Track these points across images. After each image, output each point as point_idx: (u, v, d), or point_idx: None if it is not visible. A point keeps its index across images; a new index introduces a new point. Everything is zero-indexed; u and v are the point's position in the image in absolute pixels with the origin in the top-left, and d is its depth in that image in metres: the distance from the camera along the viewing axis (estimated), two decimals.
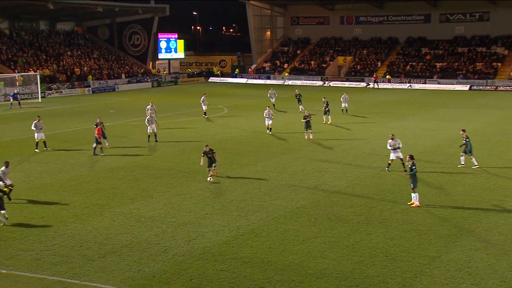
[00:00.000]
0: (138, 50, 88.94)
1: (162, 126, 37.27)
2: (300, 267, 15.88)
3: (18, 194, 22.85)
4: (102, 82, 73.99)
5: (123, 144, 34.08)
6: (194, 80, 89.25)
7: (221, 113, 49.12)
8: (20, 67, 67.14)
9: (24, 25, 79.19)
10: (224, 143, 34.13)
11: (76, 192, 23.28)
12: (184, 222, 19.58)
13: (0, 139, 35.71)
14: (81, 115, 47.30)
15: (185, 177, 25.86)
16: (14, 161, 28.94)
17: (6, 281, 14.97)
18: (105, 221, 19.63)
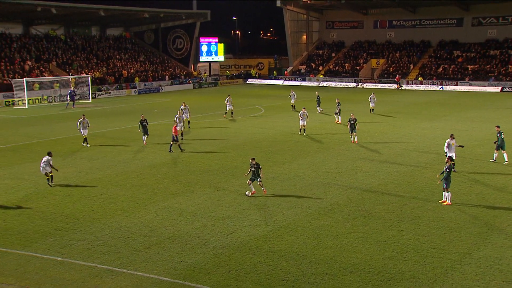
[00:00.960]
0: (181, 54, 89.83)
1: (203, 125, 37.55)
2: (333, 261, 15.78)
3: (71, 188, 23.37)
4: (147, 84, 74.99)
5: (166, 142, 34.45)
6: (233, 81, 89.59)
7: (258, 113, 49.16)
8: (74, 70, 68.63)
9: (78, 31, 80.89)
10: (261, 142, 34.16)
11: (123, 187, 23.66)
12: (223, 216, 19.68)
13: (56, 136, 36.57)
14: (128, 115, 48.03)
15: (224, 174, 25.98)
16: (67, 157, 29.63)
17: (61, 268, 15.34)
18: (149, 215, 19.89)
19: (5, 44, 67.70)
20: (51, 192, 22.64)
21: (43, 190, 23.03)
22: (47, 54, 70.15)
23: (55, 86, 61.69)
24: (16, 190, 22.95)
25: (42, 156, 29.77)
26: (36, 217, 19.57)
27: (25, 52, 68.07)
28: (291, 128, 39.28)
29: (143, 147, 32.63)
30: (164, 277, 14.76)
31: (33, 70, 63.92)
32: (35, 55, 68.30)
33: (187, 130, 38.22)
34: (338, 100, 43.41)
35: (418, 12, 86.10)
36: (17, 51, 67.22)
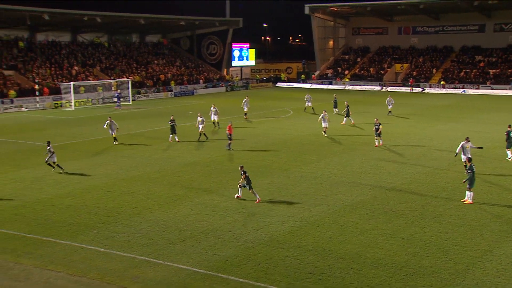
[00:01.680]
0: (215, 59, 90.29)
1: (234, 126, 37.57)
2: (358, 256, 15.65)
3: (112, 184, 23.74)
4: (183, 87, 75.58)
5: (199, 142, 34.65)
6: (263, 85, 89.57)
7: (287, 115, 49.08)
8: (116, 74, 69.72)
9: (120, 38, 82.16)
10: (289, 142, 34.10)
11: (160, 183, 23.91)
12: (253, 212, 19.72)
13: (99, 136, 37.19)
14: (164, 116, 48.43)
15: (254, 172, 25.96)
16: (109, 155, 30.11)
17: (104, 258, 15.61)
18: (184, 210, 20.06)
19: (55, 51, 69.24)
20: (94, 188, 23.06)
21: (88, 186, 23.47)
22: (92, 59, 71.42)
23: (99, 89, 62.75)
24: (64, 186, 23.44)
25: (87, 154, 30.37)
26: (81, 210, 19.95)
27: (73, 58, 69.44)
28: (318, 130, 39.07)
29: (169, 145, 32.94)
30: (198, 268, 14.87)
31: (79, 75, 65.15)
32: (81, 61, 69.62)
33: (215, 130, 38.67)
34: (346, 102, 43.32)
35: (441, 18, 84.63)
36: (65, 57, 68.64)
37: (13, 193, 22.26)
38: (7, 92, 55.37)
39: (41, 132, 39.02)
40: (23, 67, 61.87)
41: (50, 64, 65.36)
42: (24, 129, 40.52)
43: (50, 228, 17.98)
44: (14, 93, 55.70)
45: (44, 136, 36.68)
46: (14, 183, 23.92)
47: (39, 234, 17.38)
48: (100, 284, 13.93)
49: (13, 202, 21.00)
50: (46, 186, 23.30)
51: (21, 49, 65.69)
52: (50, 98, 58.05)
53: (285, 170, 26.37)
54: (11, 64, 61.53)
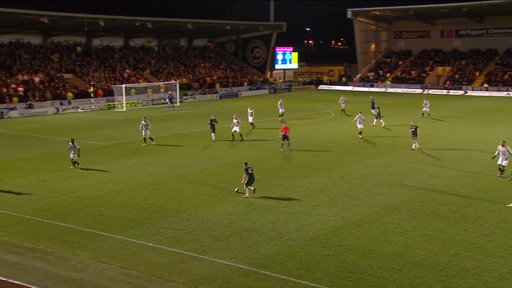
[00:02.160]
0: (258, 62, 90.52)
1: (276, 127, 37.50)
2: (399, 256, 15.34)
3: (161, 182, 24.14)
4: (228, 89, 76.11)
5: (243, 143, 34.82)
6: (306, 87, 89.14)
7: (328, 116, 48.67)
8: (164, 76, 70.99)
9: (169, 42, 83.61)
10: (330, 143, 33.80)
11: (205, 182, 24.14)
12: (295, 211, 19.63)
13: (157, 135, 37.92)
14: (210, 117, 48.83)
15: (296, 172, 25.91)
16: (158, 154, 30.65)
17: (152, 252, 15.89)
18: (228, 208, 20.18)
19: (109, 55, 71.18)
20: (144, 186, 23.51)
21: (137, 183, 23.95)
22: (142, 63, 72.96)
23: (148, 91, 64.00)
24: (115, 183, 24.02)
25: (137, 153, 31.02)
26: (131, 207, 20.38)
27: (125, 61, 71.17)
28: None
29: (215, 145, 33.21)
30: (242, 265, 14.92)
31: (130, 77, 66.69)
32: (132, 64, 71.25)
33: (250, 131, 38.85)
34: (377, 105, 42.87)
35: (485, 21, 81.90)
36: (118, 61, 70.45)
37: (70, 189, 22.98)
38: (65, 94, 57.28)
39: (95, 132, 40.13)
40: (80, 71, 63.89)
41: (104, 67, 67.20)
42: (80, 129, 41.80)
43: (103, 223, 18.45)
44: (72, 95, 57.54)
45: (98, 136, 37.73)
46: (71, 179, 24.69)
47: (94, 228, 17.88)
48: (149, 277, 14.19)
49: (70, 197, 21.68)
50: (100, 183, 23.93)
51: (79, 54, 67.87)
52: (104, 100, 59.63)
53: (326, 170, 26.14)
54: (69, 68, 63.67)
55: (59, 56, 64.79)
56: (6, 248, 16.17)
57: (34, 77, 57.76)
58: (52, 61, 63.20)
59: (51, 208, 20.10)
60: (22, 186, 23.34)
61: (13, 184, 23.77)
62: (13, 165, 27.95)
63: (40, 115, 52.51)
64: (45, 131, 40.54)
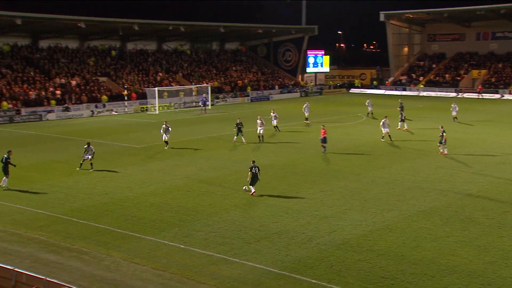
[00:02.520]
0: (290, 65, 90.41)
1: (306, 130, 37.43)
2: (432, 262, 15.05)
3: (192, 185, 24.36)
4: (259, 92, 76.26)
5: (273, 146, 34.82)
6: (337, 91, 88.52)
7: (359, 120, 48.21)
8: (196, 80, 71.69)
9: (201, 45, 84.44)
10: (361, 147, 33.47)
11: (236, 185, 24.21)
12: (326, 215, 19.51)
13: (181, 138, 38.34)
14: (242, 120, 49.01)
15: (327, 176, 25.75)
16: (189, 157, 30.94)
17: (184, 254, 16.04)
18: (259, 211, 20.20)
19: (143, 59, 72.36)
20: (175, 188, 23.77)
21: (169, 186, 24.23)
22: (175, 66, 73.86)
23: (180, 94, 64.76)
24: (148, 185, 24.36)
25: (169, 155, 31.40)
26: (163, 208, 20.63)
27: (158, 65, 72.20)
28: (391, 135, 38.06)
29: (241, 145, 33.30)
30: (272, 268, 14.91)
31: (163, 81, 67.61)
32: (165, 68, 72.23)
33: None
34: (400, 106, 42.83)
35: None
36: (151, 64, 71.55)
37: (104, 190, 23.43)
38: (100, 97, 58.49)
39: (128, 134, 40.81)
40: (115, 74, 65.14)
41: (138, 71, 68.33)
42: (114, 132, 42.58)
43: (136, 224, 18.74)
44: (106, 98, 58.71)
45: (131, 138, 38.35)
46: (105, 181, 25.18)
47: (127, 230, 18.17)
48: (181, 279, 14.33)
49: (104, 198, 22.11)
50: (133, 185, 24.31)
51: (113, 58, 69.25)
52: (137, 103, 60.62)
53: (357, 174, 25.90)
54: (104, 71, 65.05)
55: (94, 60, 66.27)
56: (44, 247, 16.60)
57: (71, 81, 59.24)
58: (88, 64, 64.69)
59: (86, 209, 20.54)
60: (59, 187, 23.93)
61: (50, 184, 24.41)
62: (50, 166, 28.70)
63: (76, 117, 53.78)
64: (80, 133, 41.49)
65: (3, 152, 24.54)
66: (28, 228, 18.37)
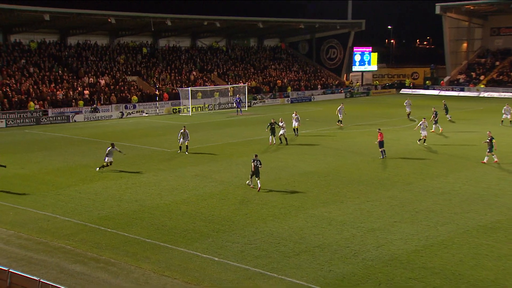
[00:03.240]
0: (334, 63, 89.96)
1: (353, 135, 37.09)
2: (495, 284, 14.62)
3: (227, 193, 24.51)
4: (300, 93, 76.22)
5: (316, 151, 34.67)
6: (386, 91, 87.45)
7: (410, 124, 47.42)
8: (232, 79, 72.26)
9: (238, 42, 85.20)
10: (413, 153, 32.91)
11: (275, 193, 24.22)
12: (373, 228, 19.26)
13: (214, 142, 38.67)
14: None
15: (374, 184, 25.43)
16: (224, 162, 31.14)
17: (218, 267, 16.13)
18: (299, 222, 20.13)
19: (175, 56, 73.49)
20: (209, 195, 23.97)
21: (203, 193, 24.46)
22: (209, 64, 74.65)
23: (215, 95, 65.38)
24: (180, 192, 24.67)
25: (203, 160, 31.71)
26: (196, 217, 20.83)
27: (191, 63, 73.19)
28: (446, 140, 37.27)
29: (269, 147, 33.22)
30: (313, 284, 14.82)
31: (197, 80, 68.44)
32: (199, 66, 73.11)
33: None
34: (434, 108, 42.42)
35: None
36: (184, 63, 72.57)
37: (133, 197, 23.86)
38: (130, 98, 59.66)
39: (160, 137, 41.44)
40: (146, 73, 66.36)
41: (170, 69, 69.40)
42: (145, 134, 43.33)
43: (167, 234, 18.98)
44: (137, 99, 59.87)
45: (162, 142, 38.95)
46: (135, 187, 25.64)
47: (157, 240, 18.43)
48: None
49: (134, 206, 22.50)
50: (164, 192, 24.67)
51: (145, 55, 70.54)
52: (169, 104, 61.56)
53: (408, 183, 25.47)
54: (135, 70, 66.32)
55: (124, 57, 67.70)
56: (70, 257, 17.03)
57: (100, 80, 60.66)
58: (118, 62, 66.15)
59: (114, 217, 20.96)
60: (86, 193, 24.53)
61: (78, 190, 25.05)
62: (77, 171, 29.46)
63: (105, 119, 55.07)
64: (109, 136, 42.42)
65: (27, 156, 25.41)
66: (54, 236, 18.89)
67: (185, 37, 78.28)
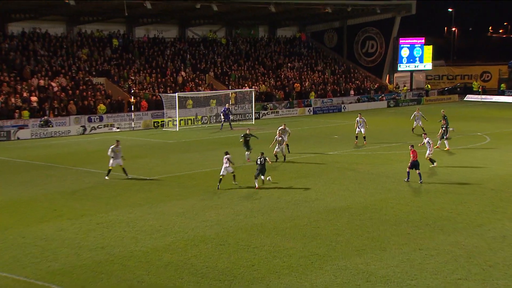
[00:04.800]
0: (372, 60, 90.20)
1: (397, 157, 37.01)
2: None
3: (226, 235, 24.47)
4: (326, 101, 76.44)
5: (348, 179, 34.59)
6: (444, 98, 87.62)
7: (480, 143, 47.37)
8: (234, 82, 72.31)
9: (242, 32, 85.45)
10: (484, 183, 32.86)
11: (292, 236, 24.12)
12: (429, 287, 19.14)
13: (209, 167, 38.65)
14: (299, 142, 49.14)
15: (429, 226, 25.31)
16: (222, 195, 31.10)
17: None
18: (325, 277, 20.03)
19: (157, 51, 73.65)
20: (202, 239, 23.92)
21: (194, 236, 24.41)
22: (204, 62, 74.98)
23: (211, 103, 65.49)
24: (163, 235, 24.61)
25: (194, 191, 31.72)
26: (184, 271, 20.75)
27: (179, 60, 73.48)
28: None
29: (299, 179, 33.18)
30: None
31: (187, 83, 68.59)
32: (190, 64, 73.38)
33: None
34: (444, 121, 44.87)
35: None
36: (170, 59, 72.81)
37: (98, 242, 23.79)
38: (96, 107, 59.69)
39: (135, 160, 41.45)
40: (117, 73, 66.55)
41: (151, 68, 69.64)
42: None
43: None
44: (104, 108, 60.00)
45: (139, 167, 39.02)
46: (100, 229, 25.59)
47: None
48: None
49: (99, 255, 22.45)
50: (141, 235, 24.61)
51: (116, 49, 70.86)
52: (149, 115, 61.81)
53: (478, 226, 25.36)
54: (102, 69, 66.39)
55: (88, 52, 68.05)
56: None
57: (53, 83, 60.73)
58: (78, 59, 66.47)
59: (71, 271, 20.88)
60: (33, 238, 24.46)
61: (21, 234, 25.01)
62: (20, 207, 29.44)
63: (60, 136, 55.18)
64: (67, 158, 42.54)
65: None
66: None
67: (170, 25, 78.78)
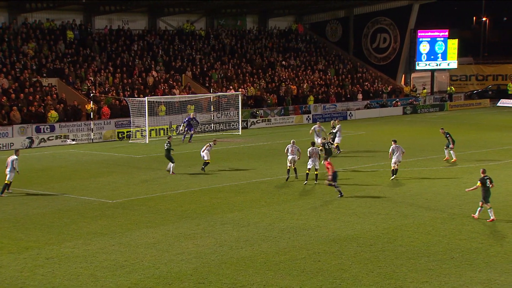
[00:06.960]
0: (384, 58, 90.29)
1: (416, 175, 37.07)
2: None
3: (207, 272, 24.41)
4: (328, 107, 76.50)
5: (355, 203, 34.65)
6: (472, 103, 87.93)
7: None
8: (216, 84, 72.25)
9: (225, 23, 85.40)
10: None
11: (287, 272, 24.08)
12: None
13: (193, 188, 38.64)
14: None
15: (455, 260, 25.37)
16: (203, 221, 31.08)
17: None
18: None
19: (123, 45, 73.58)
20: (178, 277, 23.86)
21: (167, 272, 24.31)
22: (180, 60, 74.96)
23: (189, 109, 65.39)
24: (128, 271, 24.47)
25: (165, 216, 31.68)
26: None
27: (149, 57, 73.42)
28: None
29: (281, 200, 33.23)
30: None
31: (159, 85, 68.52)
32: (162, 61, 73.35)
33: None
34: (442, 130, 46.72)
35: None
36: (137, 56, 72.76)
37: (48, 282, 23.46)
38: (46, 114, 59.45)
39: (95, 180, 41.41)
40: (72, 73, 66.37)
41: (114, 67, 69.60)
42: (69, 175, 43.25)
43: None
44: (56, 116, 59.73)
45: (100, 188, 38.94)
46: (50, 265, 25.44)
47: None
48: None
49: None
50: (102, 272, 24.45)
51: (70, 43, 70.77)
52: (112, 124, 61.65)
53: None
54: (53, 67, 66.25)
55: (36, 46, 67.84)
56: None
57: None
58: (24, 55, 66.25)
59: None
60: None
61: None
62: None
63: (0, 150, 54.72)
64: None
65: None
66: None
67: (138, 13, 78.85)
